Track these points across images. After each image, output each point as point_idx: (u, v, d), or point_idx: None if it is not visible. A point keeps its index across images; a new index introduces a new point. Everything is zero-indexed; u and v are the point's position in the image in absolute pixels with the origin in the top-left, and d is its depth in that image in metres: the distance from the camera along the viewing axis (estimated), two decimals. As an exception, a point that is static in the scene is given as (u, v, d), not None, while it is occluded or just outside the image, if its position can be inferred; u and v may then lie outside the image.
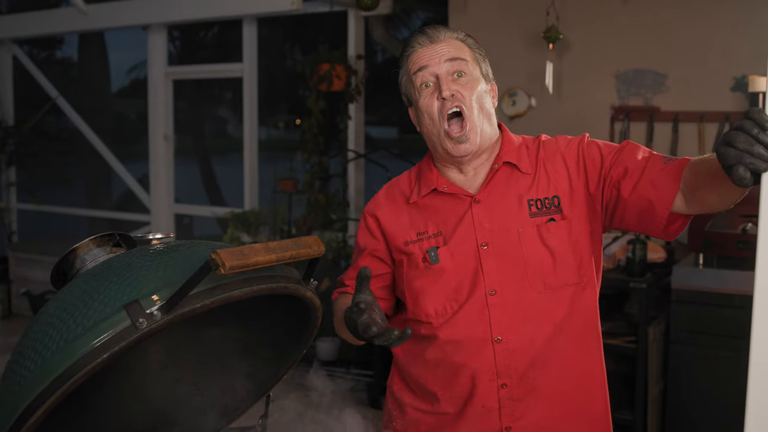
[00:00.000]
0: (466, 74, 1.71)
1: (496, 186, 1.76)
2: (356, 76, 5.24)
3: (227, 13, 5.62)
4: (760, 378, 1.19)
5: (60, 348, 1.15)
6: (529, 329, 1.71)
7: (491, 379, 1.72)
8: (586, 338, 1.75)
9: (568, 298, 1.72)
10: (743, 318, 1.19)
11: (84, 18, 6.14)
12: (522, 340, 1.71)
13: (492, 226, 1.73)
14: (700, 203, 1.57)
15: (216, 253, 1.14)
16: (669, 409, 3.79)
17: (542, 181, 1.75)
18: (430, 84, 1.71)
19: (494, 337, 1.71)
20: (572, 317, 1.73)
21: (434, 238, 1.77)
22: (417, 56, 1.73)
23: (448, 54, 1.71)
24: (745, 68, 4.12)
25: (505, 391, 1.72)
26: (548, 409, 1.73)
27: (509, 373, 1.71)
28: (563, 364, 1.73)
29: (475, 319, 1.72)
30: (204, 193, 7.84)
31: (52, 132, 7.55)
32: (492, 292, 1.71)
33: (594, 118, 4.53)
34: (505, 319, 1.71)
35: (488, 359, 1.72)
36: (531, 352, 1.71)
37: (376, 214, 1.87)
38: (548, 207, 1.72)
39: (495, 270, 1.71)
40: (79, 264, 1.42)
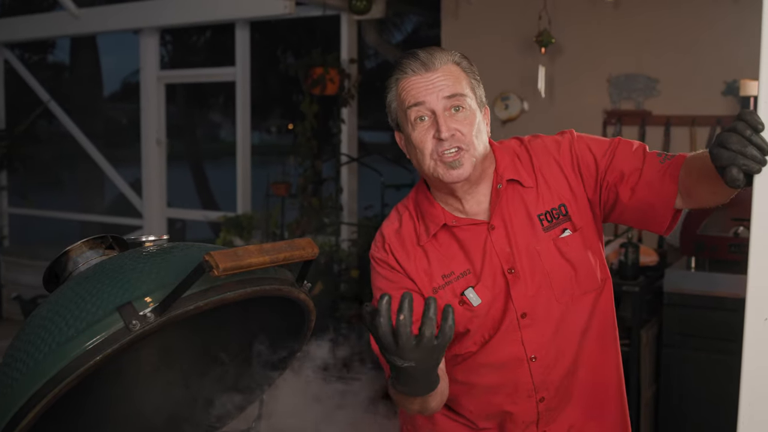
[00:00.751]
0: (464, 109, 1.62)
1: (505, 207, 1.71)
2: (349, 79, 5.24)
3: (220, 17, 5.61)
4: (753, 381, 1.19)
5: (52, 350, 1.14)
6: (560, 342, 1.71)
7: (530, 396, 1.73)
8: (606, 337, 1.78)
9: (589, 303, 1.73)
10: (735, 321, 1.19)
11: (76, 22, 6.12)
12: (555, 354, 1.72)
13: (512, 249, 1.69)
14: (696, 200, 1.58)
15: (210, 254, 1.13)
16: (661, 412, 3.80)
17: (545, 192, 1.71)
18: (425, 118, 1.62)
19: (529, 357, 1.71)
20: (594, 320, 1.74)
21: (463, 278, 1.71)
22: (410, 86, 1.63)
23: (446, 89, 1.61)
24: (736, 72, 4.14)
25: (544, 404, 1.74)
26: (578, 410, 1.77)
27: (546, 387, 1.73)
28: (590, 366, 1.76)
29: (508, 343, 1.71)
30: (197, 197, 7.83)
31: (44, 136, 7.53)
32: (523, 316, 1.70)
33: (586, 122, 4.54)
34: (538, 338, 1.70)
35: (525, 378, 1.72)
36: (564, 363, 1.73)
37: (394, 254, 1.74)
38: (557, 217, 1.70)
39: (522, 294, 1.69)
40: (72, 266, 1.41)
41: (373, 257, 1.79)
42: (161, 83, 6.23)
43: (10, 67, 7.13)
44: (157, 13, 5.77)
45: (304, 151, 5.25)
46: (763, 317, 1.17)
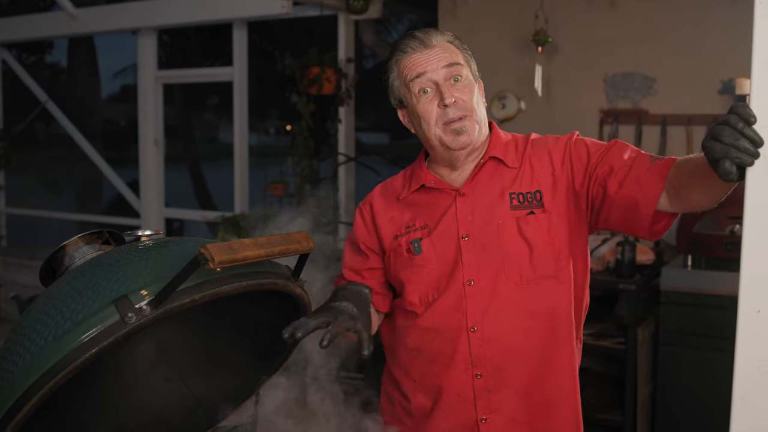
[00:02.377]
0: (463, 78, 1.74)
1: (481, 180, 1.79)
2: (346, 79, 5.25)
3: (217, 17, 5.61)
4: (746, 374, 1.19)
5: (48, 343, 1.15)
6: (504, 320, 1.74)
7: (466, 368, 1.76)
8: (560, 333, 1.77)
9: (543, 291, 1.74)
10: (732, 319, 1.20)
11: (73, 22, 6.12)
12: (496, 330, 1.74)
13: (474, 218, 1.77)
14: (685, 201, 1.59)
15: (205, 247, 1.14)
16: (658, 410, 3.80)
17: (526, 176, 1.78)
18: (428, 90, 1.73)
19: (470, 327, 1.75)
20: (547, 311, 1.75)
21: (420, 231, 1.82)
22: (411, 62, 1.74)
23: (445, 60, 1.73)
24: (732, 71, 4.15)
25: (480, 381, 1.75)
26: (523, 403, 1.76)
27: (484, 363, 1.75)
28: (538, 358, 1.76)
29: (452, 309, 1.76)
30: (194, 198, 7.83)
31: (41, 137, 7.53)
32: (470, 283, 1.75)
33: (583, 121, 4.55)
34: (481, 309, 1.74)
35: (463, 348, 1.75)
36: (505, 343, 1.74)
37: (372, 207, 1.92)
38: (530, 201, 1.75)
39: (474, 261, 1.75)
40: (68, 261, 1.42)
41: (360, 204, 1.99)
42: (159, 83, 6.23)
43: (8, 67, 7.13)
44: (154, 13, 5.77)
45: (301, 150, 5.25)
46: (756, 309, 1.18)
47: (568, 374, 1.79)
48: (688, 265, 3.76)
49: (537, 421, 1.77)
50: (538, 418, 1.77)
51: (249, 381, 1.62)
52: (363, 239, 1.92)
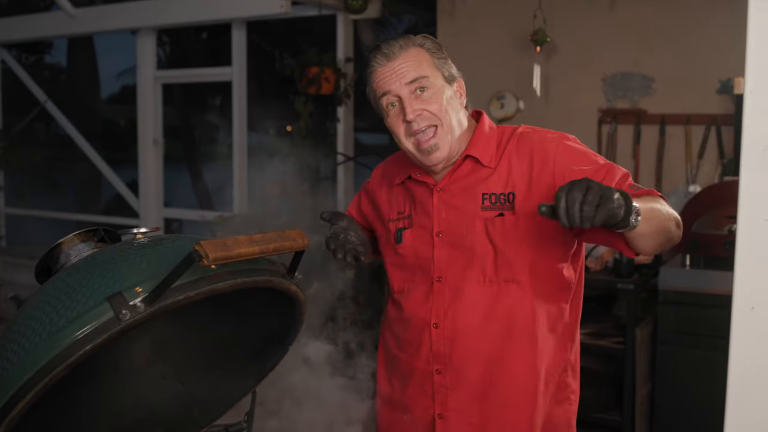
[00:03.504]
0: (429, 88, 1.73)
1: (458, 177, 1.80)
2: (345, 79, 5.25)
3: (216, 17, 5.61)
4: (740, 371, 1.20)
5: (43, 340, 1.15)
6: (465, 319, 1.76)
7: (428, 363, 1.80)
8: (519, 339, 1.75)
9: (504, 294, 1.74)
10: (730, 318, 1.21)
11: (72, 22, 6.12)
12: (456, 328, 1.76)
13: (447, 216, 1.79)
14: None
15: (199, 244, 1.14)
16: (657, 410, 3.80)
17: (502, 177, 1.76)
18: (395, 104, 1.75)
19: (432, 322, 1.78)
20: (507, 315, 1.74)
21: (406, 220, 1.87)
22: (378, 77, 1.75)
23: (408, 75, 1.72)
24: (731, 71, 4.15)
25: (439, 378, 1.79)
26: (477, 405, 1.77)
27: (443, 360, 1.78)
28: (494, 361, 1.75)
29: (421, 302, 1.81)
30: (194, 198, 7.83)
31: (41, 137, 7.53)
32: (438, 279, 1.79)
33: (582, 121, 4.55)
34: (444, 305, 1.77)
35: (426, 342, 1.79)
36: (464, 342, 1.76)
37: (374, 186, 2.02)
38: (502, 202, 1.75)
39: (444, 258, 1.78)
40: (64, 259, 1.42)
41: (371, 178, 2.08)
42: (158, 83, 6.23)
43: (7, 67, 7.13)
44: (153, 13, 5.77)
45: (300, 150, 5.25)
46: (750, 306, 1.18)
47: (527, 382, 1.76)
48: (687, 265, 3.76)
49: (490, 425, 1.77)
50: (492, 423, 1.77)
51: (245, 379, 1.62)
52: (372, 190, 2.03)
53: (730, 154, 4.24)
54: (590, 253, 3.96)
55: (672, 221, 1.64)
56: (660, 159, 4.46)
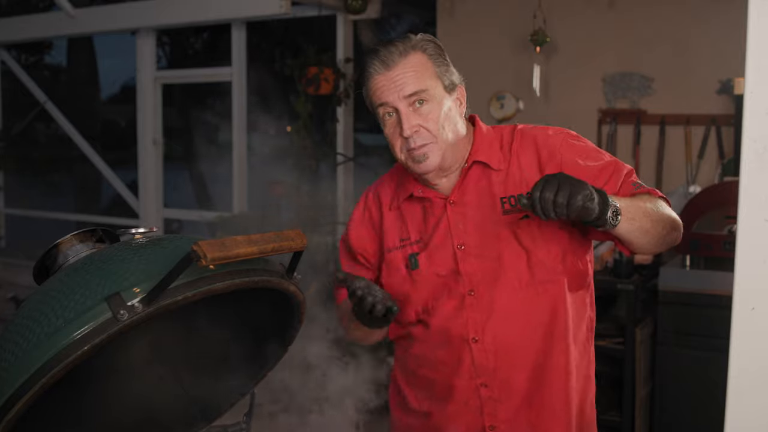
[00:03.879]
0: (428, 101, 1.67)
1: (468, 186, 1.76)
2: (345, 79, 5.24)
3: (216, 17, 5.60)
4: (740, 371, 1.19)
5: (40, 341, 1.15)
6: (505, 329, 1.71)
7: (471, 378, 1.74)
8: (558, 338, 1.74)
9: (542, 296, 1.72)
10: (730, 318, 1.20)
11: (72, 22, 6.11)
12: (498, 340, 1.72)
13: (467, 227, 1.74)
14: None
15: (197, 244, 1.14)
16: (657, 411, 3.80)
17: (515, 177, 1.74)
18: (392, 114, 1.69)
19: (471, 338, 1.72)
20: (547, 316, 1.72)
21: (416, 245, 1.78)
22: (375, 86, 1.69)
23: (407, 87, 1.65)
24: (731, 71, 4.15)
25: (486, 391, 1.73)
26: (528, 411, 1.74)
27: (488, 373, 1.72)
28: (539, 366, 1.73)
29: (453, 319, 1.74)
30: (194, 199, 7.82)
31: (41, 137, 7.53)
32: (471, 293, 1.72)
33: (581, 121, 4.54)
34: (482, 319, 1.72)
35: (467, 358, 1.73)
36: (508, 353, 1.72)
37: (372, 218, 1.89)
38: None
39: (472, 270, 1.72)
40: (62, 259, 1.42)
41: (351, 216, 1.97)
42: (158, 83, 6.23)
43: (7, 68, 7.13)
44: (153, 14, 5.76)
45: (299, 150, 5.25)
46: (750, 306, 1.18)
47: (564, 378, 1.76)
48: (687, 265, 3.76)
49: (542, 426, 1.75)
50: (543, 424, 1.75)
51: (244, 379, 1.62)
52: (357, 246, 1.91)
53: (730, 155, 4.24)
54: (590, 253, 3.95)
55: (666, 223, 1.66)
56: (660, 159, 4.45)
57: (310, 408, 1.79)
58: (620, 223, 1.54)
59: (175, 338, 1.60)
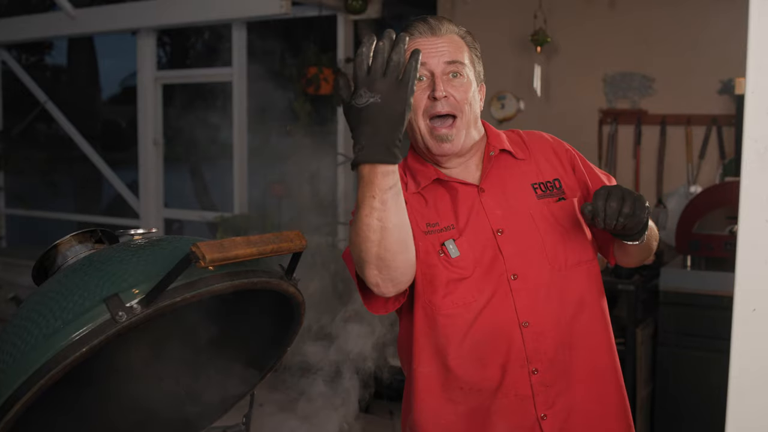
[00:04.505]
0: (461, 76, 1.68)
1: (496, 174, 1.75)
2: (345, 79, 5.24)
3: (216, 17, 5.60)
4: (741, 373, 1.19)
5: (38, 342, 1.14)
6: (554, 310, 1.70)
7: (522, 366, 1.69)
8: (598, 315, 1.76)
9: (584, 274, 1.73)
10: (731, 319, 1.20)
11: (72, 22, 6.11)
12: (548, 322, 1.69)
13: (504, 212, 1.72)
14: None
15: (196, 245, 1.13)
16: (657, 412, 3.79)
17: (540, 166, 1.77)
18: (423, 79, 1.67)
19: (521, 322, 1.69)
20: (590, 294, 1.74)
21: (448, 231, 1.72)
22: (416, 46, 1.66)
23: (448, 55, 1.68)
24: (732, 71, 4.14)
25: (537, 377, 1.69)
26: (581, 391, 1.72)
27: (539, 358, 1.69)
28: (589, 343, 1.73)
29: (500, 306, 1.69)
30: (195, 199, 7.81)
31: (41, 137, 7.53)
32: (514, 277, 1.69)
33: (582, 122, 4.54)
34: (530, 302, 1.69)
35: (518, 345, 1.68)
36: (558, 334, 1.70)
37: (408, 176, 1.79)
38: (551, 189, 1.74)
39: (514, 254, 1.70)
40: (61, 260, 1.41)
41: None
42: (158, 84, 6.22)
43: (8, 68, 7.13)
44: (153, 14, 5.76)
45: (300, 150, 5.25)
46: (752, 308, 1.17)
47: (608, 355, 1.77)
48: (688, 266, 3.76)
49: (592, 407, 1.73)
50: (593, 405, 1.73)
51: (243, 380, 1.62)
52: None
53: (731, 155, 4.23)
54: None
55: (656, 239, 1.76)
56: (661, 160, 4.45)
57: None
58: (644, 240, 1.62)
59: (174, 339, 1.59)
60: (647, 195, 4.47)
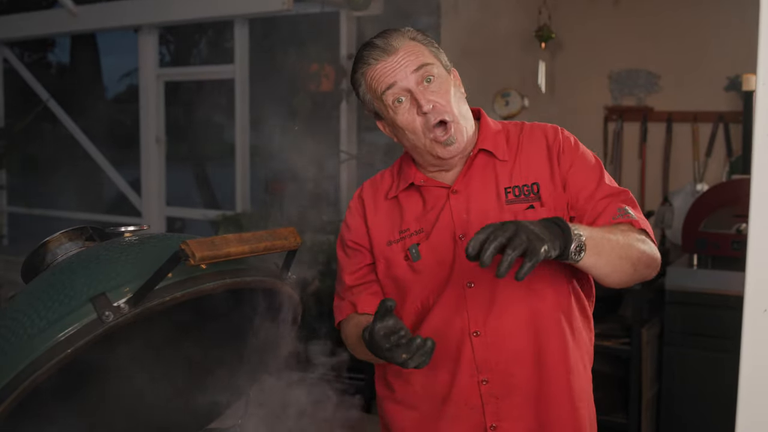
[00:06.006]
0: (435, 77, 1.65)
1: (473, 175, 1.72)
2: (347, 76, 5.20)
3: (218, 14, 5.57)
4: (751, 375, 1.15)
5: (23, 342, 1.11)
6: (507, 322, 1.67)
7: (471, 375, 1.69)
8: (558, 332, 1.70)
9: (543, 289, 1.68)
10: (738, 319, 1.17)
11: (73, 20, 6.09)
12: (500, 333, 1.67)
13: (470, 216, 1.69)
14: None
15: (185, 243, 1.10)
16: (663, 412, 3.75)
17: (521, 168, 1.71)
18: (402, 99, 1.64)
19: (472, 331, 1.68)
20: (548, 310, 1.68)
21: (416, 235, 1.73)
22: (378, 72, 1.65)
23: (412, 63, 1.64)
24: (738, 68, 4.10)
25: (486, 387, 1.68)
26: (532, 408, 1.69)
27: (489, 368, 1.68)
28: (541, 360, 1.69)
29: (452, 312, 1.69)
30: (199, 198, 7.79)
31: (43, 135, 7.51)
32: (470, 285, 1.68)
33: (587, 119, 4.50)
34: (483, 311, 1.67)
35: (467, 353, 1.68)
36: (510, 346, 1.67)
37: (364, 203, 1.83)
38: (527, 194, 1.68)
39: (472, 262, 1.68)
40: (50, 258, 1.38)
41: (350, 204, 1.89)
42: (160, 81, 6.20)
43: (10, 66, 7.10)
44: (155, 11, 5.74)
45: (302, 148, 5.21)
46: (762, 309, 1.14)
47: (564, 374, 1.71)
48: (694, 265, 3.71)
49: (546, 424, 1.70)
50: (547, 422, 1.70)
51: (239, 382, 1.59)
52: (351, 236, 1.83)
53: (738, 152, 4.19)
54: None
55: (636, 260, 1.61)
56: (667, 157, 4.41)
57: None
58: (584, 258, 1.48)
59: (168, 339, 1.56)
60: (653, 193, 4.44)
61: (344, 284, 1.84)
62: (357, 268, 1.82)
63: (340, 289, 1.86)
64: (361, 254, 1.82)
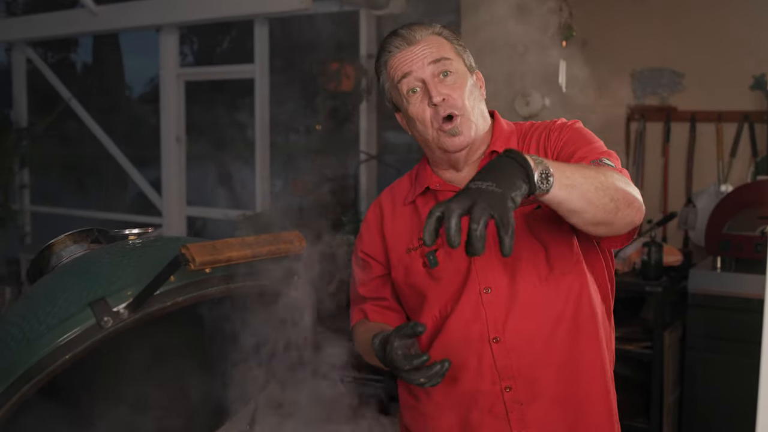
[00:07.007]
0: (452, 72, 1.65)
1: None
2: (367, 75, 5.17)
3: (237, 13, 5.57)
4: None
5: (22, 348, 1.10)
6: (527, 326, 1.63)
7: (494, 382, 1.65)
8: (586, 332, 1.66)
9: (564, 289, 1.64)
10: (762, 323, 1.12)
11: (95, 19, 6.13)
12: (520, 338, 1.64)
13: None
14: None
15: (186, 247, 1.07)
16: (685, 417, 3.70)
17: None
18: (417, 90, 1.65)
19: (491, 337, 1.64)
20: (571, 310, 1.65)
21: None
22: (397, 61, 1.67)
23: (431, 55, 1.64)
24: (764, 66, 4.03)
25: (510, 394, 1.65)
26: (559, 412, 1.65)
27: (512, 374, 1.64)
28: (567, 363, 1.65)
29: (470, 319, 1.66)
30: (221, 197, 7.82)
31: (66, 135, 7.57)
32: (487, 290, 1.65)
33: (609, 118, 4.43)
34: (501, 317, 1.64)
35: (488, 360, 1.65)
36: (531, 351, 1.64)
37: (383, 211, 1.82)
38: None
39: (487, 267, 1.65)
40: (55, 261, 1.37)
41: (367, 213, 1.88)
42: (180, 80, 6.21)
43: (33, 66, 7.16)
44: (175, 10, 5.75)
45: (322, 148, 5.20)
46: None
47: (599, 375, 1.68)
48: (717, 267, 3.65)
49: (577, 427, 1.67)
50: (575, 426, 1.67)
51: (248, 385, 1.57)
52: (363, 248, 1.83)
53: (763, 152, 4.12)
54: (617, 254, 3.85)
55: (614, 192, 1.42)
56: (690, 158, 4.33)
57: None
58: (554, 189, 1.31)
59: (176, 342, 1.55)
60: (676, 194, 4.37)
61: (357, 294, 1.85)
62: (369, 279, 1.82)
63: (354, 296, 1.87)
64: (372, 266, 1.82)
